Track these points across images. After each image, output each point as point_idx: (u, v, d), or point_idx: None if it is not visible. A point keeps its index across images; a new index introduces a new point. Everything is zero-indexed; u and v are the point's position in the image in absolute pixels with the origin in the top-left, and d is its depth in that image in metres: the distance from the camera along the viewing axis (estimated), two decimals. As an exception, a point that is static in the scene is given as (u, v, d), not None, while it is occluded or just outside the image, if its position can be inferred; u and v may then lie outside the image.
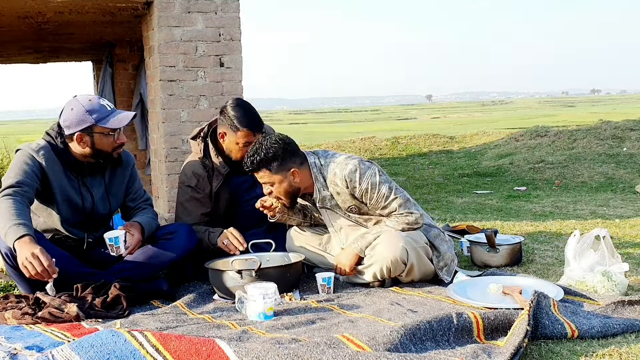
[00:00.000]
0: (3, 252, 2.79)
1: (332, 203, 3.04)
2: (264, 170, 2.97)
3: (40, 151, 2.94)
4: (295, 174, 2.99)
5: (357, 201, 2.98)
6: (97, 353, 1.98)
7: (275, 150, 2.95)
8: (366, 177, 2.92)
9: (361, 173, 2.92)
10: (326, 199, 3.04)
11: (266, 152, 2.94)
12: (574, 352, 2.08)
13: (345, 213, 3.05)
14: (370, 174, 2.92)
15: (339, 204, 3.03)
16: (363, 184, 2.92)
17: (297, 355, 1.92)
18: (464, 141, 12.38)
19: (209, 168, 3.32)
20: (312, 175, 3.02)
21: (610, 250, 2.94)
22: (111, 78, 7.36)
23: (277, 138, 2.99)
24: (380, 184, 2.92)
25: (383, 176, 2.96)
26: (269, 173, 2.97)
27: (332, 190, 3.00)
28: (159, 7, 4.57)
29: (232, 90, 4.76)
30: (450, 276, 3.00)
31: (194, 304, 2.85)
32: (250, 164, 2.97)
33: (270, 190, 3.02)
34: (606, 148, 9.25)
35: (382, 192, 2.92)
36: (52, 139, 3.01)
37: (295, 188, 3.01)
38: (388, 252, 2.86)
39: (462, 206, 5.90)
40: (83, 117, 2.94)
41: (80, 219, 3.06)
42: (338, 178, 2.95)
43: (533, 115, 39.07)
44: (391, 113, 73.17)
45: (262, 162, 2.94)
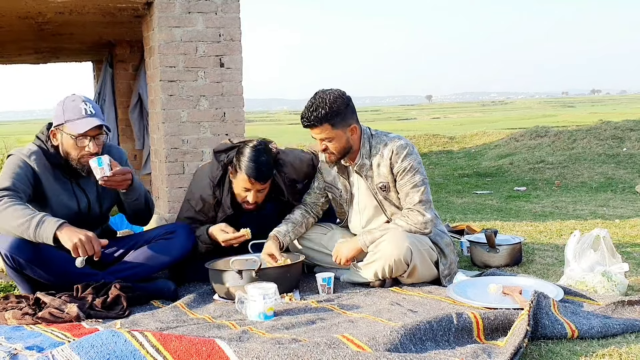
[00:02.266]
0: (3, 254, 2.79)
1: (368, 173, 3.04)
2: (325, 125, 2.93)
3: (32, 156, 2.92)
4: (354, 130, 3.00)
5: (391, 177, 2.99)
6: (98, 353, 1.98)
7: (339, 105, 2.93)
8: (411, 157, 2.97)
9: (409, 152, 2.97)
10: (365, 166, 3.04)
11: (330, 106, 2.91)
12: (574, 352, 2.08)
13: (373, 189, 3.05)
14: (415, 158, 2.98)
15: (374, 177, 3.03)
16: (405, 161, 2.95)
17: (297, 355, 1.92)
18: (464, 141, 12.38)
19: (218, 199, 3.22)
20: (361, 139, 3.03)
21: (610, 250, 2.94)
22: (111, 78, 7.36)
23: (338, 93, 2.97)
24: (418, 171, 2.97)
25: (423, 168, 3.01)
26: (331, 128, 2.94)
27: (374, 161, 3.02)
28: (159, 8, 4.57)
29: (232, 91, 4.76)
30: (449, 284, 2.99)
31: (194, 304, 2.85)
32: (313, 118, 2.91)
33: (325, 146, 2.99)
34: (606, 148, 9.25)
35: (415, 178, 2.96)
36: (42, 143, 2.98)
37: (349, 145, 3.01)
38: (392, 250, 2.86)
39: (462, 206, 5.90)
40: (60, 113, 2.93)
41: (77, 221, 3.05)
42: (387, 148, 2.98)
43: (533, 116, 39.07)
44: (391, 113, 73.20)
45: (326, 116, 2.91)
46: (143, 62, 6.53)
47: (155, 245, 3.12)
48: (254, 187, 3.08)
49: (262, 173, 3.06)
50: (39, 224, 2.66)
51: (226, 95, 4.74)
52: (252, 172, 3.04)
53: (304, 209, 3.27)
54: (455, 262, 3.08)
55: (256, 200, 3.13)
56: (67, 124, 2.89)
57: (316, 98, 2.94)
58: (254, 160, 3.04)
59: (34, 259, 2.79)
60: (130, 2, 4.74)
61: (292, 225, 3.19)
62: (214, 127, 4.65)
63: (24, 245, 2.76)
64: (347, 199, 3.17)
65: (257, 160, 3.05)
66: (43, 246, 2.81)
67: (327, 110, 2.90)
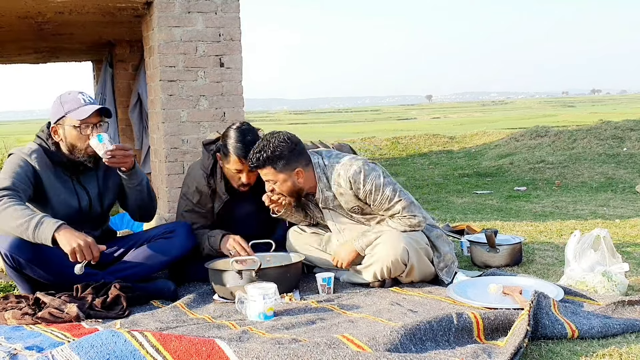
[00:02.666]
0: (3, 253, 2.79)
1: (334, 204, 3.04)
2: (268, 168, 2.95)
3: (32, 155, 2.92)
4: (299, 174, 2.98)
5: (361, 202, 2.97)
6: (97, 353, 1.98)
7: (282, 149, 2.93)
8: (370, 178, 2.91)
9: (365, 174, 2.91)
10: (329, 199, 3.03)
11: (273, 150, 2.92)
12: (574, 352, 2.08)
13: (347, 214, 3.05)
14: (374, 176, 2.91)
15: (342, 205, 3.02)
16: (367, 185, 2.91)
17: (297, 355, 1.92)
18: (464, 141, 12.38)
19: (212, 188, 3.25)
20: (315, 175, 3.01)
21: (611, 250, 2.94)
22: (111, 78, 7.36)
23: (285, 137, 2.97)
24: (384, 185, 2.91)
25: (387, 178, 2.95)
26: (274, 171, 2.95)
27: (335, 191, 3.00)
28: (159, 7, 4.57)
29: (232, 91, 4.76)
30: (451, 277, 3.00)
31: (194, 304, 2.84)
32: (255, 160, 2.94)
33: (272, 187, 3.00)
34: (606, 148, 9.25)
35: (385, 194, 2.91)
36: (43, 141, 2.99)
37: (299, 188, 3.00)
38: (389, 252, 2.86)
39: (462, 206, 5.90)
40: (58, 108, 2.95)
41: (78, 219, 3.05)
42: (342, 179, 2.94)
43: (533, 115, 39.07)
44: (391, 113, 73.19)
45: (267, 159, 2.92)
46: (143, 61, 6.53)
47: (154, 244, 3.12)
48: (245, 167, 3.11)
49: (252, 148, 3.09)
50: (38, 225, 2.66)
51: (226, 95, 4.74)
52: (241, 152, 3.08)
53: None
54: (450, 252, 3.05)
55: (249, 181, 3.17)
56: (68, 114, 2.92)
57: (262, 141, 2.96)
58: (240, 141, 3.10)
59: (34, 259, 2.79)
60: (130, 1, 4.74)
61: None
62: (213, 127, 4.65)
63: (24, 245, 2.75)
64: (321, 217, 3.18)
65: (243, 140, 3.10)
66: (43, 246, 2.81)
67: (269, 154, 2.91)
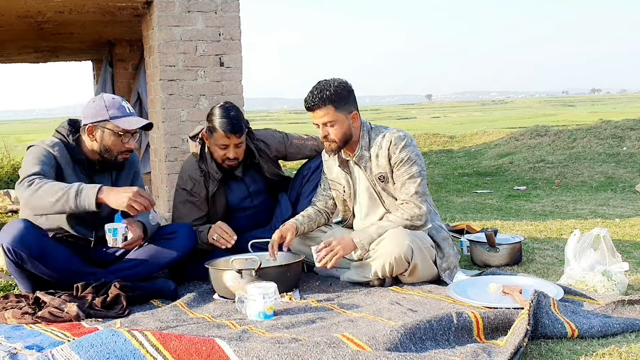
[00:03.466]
0: (5, 247, 2.80)
1: (367, 164, 3.06)
2: (329, 107, 2.95)
3: (55, 147, 2.97)
4: (355, 117, 3.02)
5: (389, 168, 3.00)
6: (97, 352, 1.98)
7: (342, 89, 2.97)
8: (409, 149, 2.98)
9: (407, 144, 2.98)
10: (364, 158, 3.06)
11: (335, 89, 2.95)
12: (574, 352, 2.08)
13: (373, 180, 3.06)
14: (412, 149, 3.00)
15: (372, 168, 3.05)
16: (403, 152, 2.97)
17: (297, 354, 1.92)
18: (464, 141, 12.38)
19: (205, 172, 3.32)
20: (360, 129, 3.05)
21: (610, 249, 2.94)
22: (111, 77, 7.36)
23: (342, 80, 3.01)
24: (415, 162, 2.98)
25: (421, 161, 3.02)
26: (334, 110, 2.95)
27: (373, 152, 3.04)
28: (159, 7, 4.57)
29: (232, 90, 4.76)
30: (451, 280, 2.99)
31: (194, 303, 2.85)
32: (317, 100, 2.93)
33: (327, 132, 3.00)
34: (606, 147, 9.25)
35: (412, 169, 2.97)
36: (63, 137, 3.03)
37: (349, 134, 3.02)
38: (392, 248, 2.86)
39: (462, 206, 5.90)
40: (100, 110, 2.98)
41: (87, 217, 3.06)
42: (385, 139, 3.00)
43: (533, 115, 39.06)
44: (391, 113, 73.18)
45: (330, 97, 2.93)
46: (143, 61, 6.53)
47: (156, 245, 3.12)
48: (230, 141, 3.19)
49: (235, 125, 3.18)
50: (78, 193, 2.72)
51: (226, 95, 4.74)
52: (226, 126, 3.16)
53: (317, 208, 3.30)
54: (454, 256, 3.06)
55: (236, 155, 3.25)
56: (113, 120, 2.97)
57: (320, 83, 3.00)
58: (225, 116, 3.18)
59: (36, 254, 2.80)
60: (130, 1, 4.74)
61: (308, 219, 3.22)
62: (213, 127, 4.65)
63: (27, 240, 2.78)
64: (350, 194, 3.18)
65: (227, 115, 3.19)
66: (46, 240, 2.83)
67: (331, 91, 2.94)
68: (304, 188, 3.48)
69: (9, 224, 2.88)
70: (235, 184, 3.41)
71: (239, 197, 3.41)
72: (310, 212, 3.27)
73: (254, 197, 3.43)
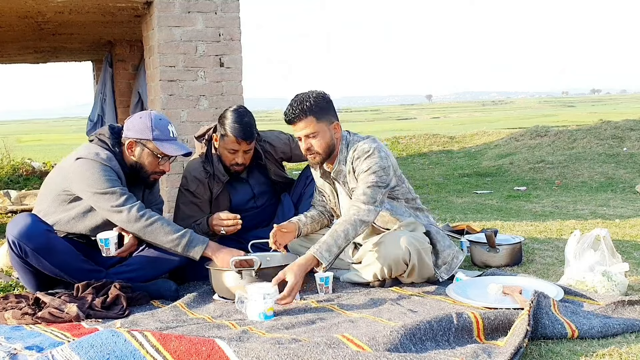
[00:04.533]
0: (10, 241, 2.82)
1: (344, 179, 3.05)
2: (310, 118, 2.94)
3: (112, 161, 2.98)
4: (337, 127, 3.01)
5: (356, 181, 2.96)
6: (97, 353, 1.98)
7: (321, 100, 2.97)
8: (370, 160, 2.88)
9: (370, 155, 2.90)
10: (342, 173, 3.04)
11: (315, 99, 2.95)
12: (574, 352, 2.08)
13: (349, 194, 3.04)
14: (376, 161, 2.88)
15: (348, 182, 3.03)
16: (364, 164, 2.90)
17: (297, 355, 1.92)
18: (464, 141, 12.38)
19: (210, 173, 3.32)
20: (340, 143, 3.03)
21: (611, 250, 2.94)
22: (111, 78, 7.37)
23: (320, 91, 3.01)
24: (374, 172, 2.87)
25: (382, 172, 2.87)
26: (315, 121, 2.94)
27: (348, 168, 3.01)
28: (159, 7, 4.57)
29: (232, 90, 4.76)
30: (449, 275, 2.98)
31: (194, 304, 2.84)
32: (298, 111, 2.93)
33: (309, 145, 2.98)
34: (606, 148, 9.24)
35: (369, 178, 2.86)
36: (109, 147, 3.04)
37: (332, 144, 3.00)
38: (390, 251, 2.86)
39: (462, 206, 5.90)
40: (145, 129, 3.02)
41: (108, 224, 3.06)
42: (352, 152, 2.97)
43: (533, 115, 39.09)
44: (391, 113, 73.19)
45: (311, 108, 2.93)
46: (143, 61, 6.53)
47: (159, 248, 3.11)
48: (241, 147, 3.21)
49: (247, 132, 3.19)
50: (189, 245, 2.90)
51: (226, 95, 4.75)
52: (238, 132, 3.17)
53: (319, 209, 3.30)
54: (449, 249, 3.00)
55: (244, 161, 3.27)
56: (156, 142, 3.01)
57: (298, 95, 2.99)
58: (238, 122, 3.18)
59: (41, 249, 2.82)
60: (129, 1, 4.74)
61: (311, 219, 3.22)
62: (213, 127, 4.65)
63: (33, 234, 2.80)
64: (335, 202, 3.19)
65: (241, 121, 3.19)
66: (51, 236, 2.86)
67: (311, 102, 2.93)
68: (307, 189, 3.48)
69: (16, 218, 2.91)
70: (240, 185, 3.41)
71: (243, 198, 3.42)
72: (314, 213, 3.27)
73: (258, 199, 3.44)
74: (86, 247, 3.06)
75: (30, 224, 2.82)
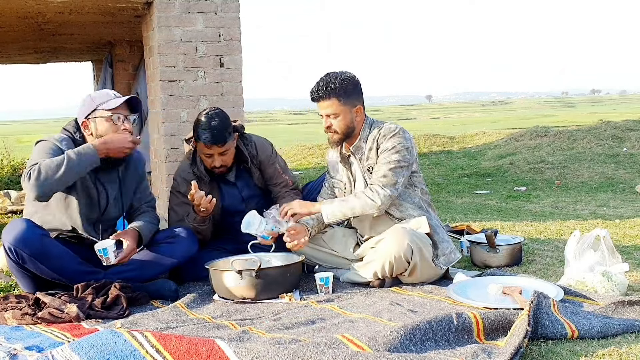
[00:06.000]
0: (7, 247, 2.81)
1: (362, 156, 3.08)
2: (334, 99, 2.99)
3: (63, 142, 2.98)
4: (359, 111, 3.05)
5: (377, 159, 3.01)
6: (97, 353, 1.98)
7: (348, 84, 3.00)
8: (396, 139, 2.98)
9: (396, 134, 2.99)
10: (360, 149, 3.08)
11: (341, 82, 2.98)
12: (574, 352, 2.08)
13: (364, 171, 3.08)
14: (400, 141, 2.98)
15: (365, 160, 3.07)
16: (389, 142, 2.98)
17: (297, 355, 1.92)
18: (464, 141, 12.37)
19: (197, 175, 3.32)
20: (363, 123, 3.08)
21: (610, 250, 2.94)
22: (111, 78, 7.37)
23: (349, 74, 3.04)
24: (398, 151, 2.96)
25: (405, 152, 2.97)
26: (338, 103, 3.00)
27: (367, 145, 3.06)
28: (159, 8, 4.57)
29: (232, 91, 4.76)
30: (447, 265, 2.98)
31: (194, 304, 2.85)
32: (323, 91, 2.97)
33: (330, 123, 3.04)
34: (606, 148, 9.24)
35: (392, 157, 2.96)
36: (70, 134, 3.06)
37: (352, 127, 3.05)
38: (392, 247, 2.86)
39: (462, 206, 5.90)
40: (88, 103, 3.03)
41: (94, 216, 3.06)
42: (378, 130, 3.03)
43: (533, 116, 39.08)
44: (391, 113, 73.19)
45: (335, 90, 2.97)
46: (143, 62, 6.53)
47: (158, 248, 3.12)
48: (213, 150, 3.21)
49: (215, 136, 3.16)
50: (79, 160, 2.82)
51: (226, 95, 4.75)
52: (206, 138, 3.17)
53: None
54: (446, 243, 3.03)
55: (222, 163, 3.26)
56: (100, 107, 3.00)
57: (328, 75, 3.03)
58: (206, 127, 3.17)
59: (37, 254, 2.81)
60: (130, 2, 4.74)
61: (317, 221, 3.22)
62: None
63: (29, 239, 2.79)
64: (350, 190, 3.19)
65: (209, 126, 3.17)
66: (47, 240, 2.84)
67: (337, 85, 2.97)
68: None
69: (11, 223, 2.89)
70: (228, 188, 3.41)
71: (233, 201, 3.41)
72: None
73: (248, 202, 3.41)
74: (83, 249, 3.06)
75: (26, 230, 2.80)
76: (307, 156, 11.74)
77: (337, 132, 3.05)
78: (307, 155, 11.78)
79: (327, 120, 3.04)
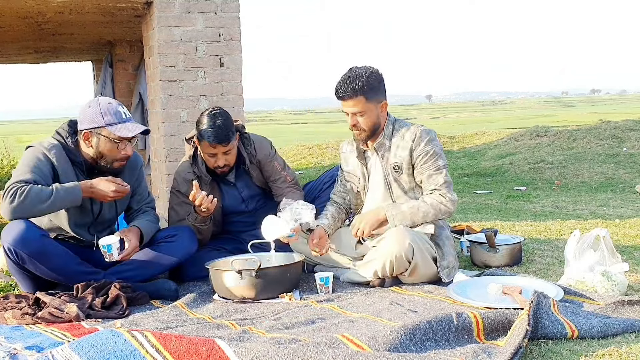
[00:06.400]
0: (6, 248, 2.80)
1: (385, 153, 3.08)
2: (360, 98, 2.97)
3: (52, 150, 2.94)
4: (384, 106, 3.05)
5: (409, 160, 3.02)
6: (97, 353, 1.98)
7: (374, 80, 2.99)
8: (433, 143, 3.02)
9: (431, 138, 3.02)
10: (384, 146, 3.08)
11: (367, 79, 2.97)
12: (574, 352, 2.08)
13: (387, 169, 3.08)
14: (437, 144, 3.03)
15: (390, 157, 3.07)
16: (428, 146, 3.00)
17: (297, 355, 1.92)
18: (464, 141, 12.37)
19: (197, 175, 3.31)
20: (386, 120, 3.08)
21: (610, 250, 2.94)
22: (111, 78, 7.37)
23: (374, 69, 3.03)
24: (440, 156, 3.02)
25: (444, 156, 3.05)
26: (365, 101, 2.98)
27: (394, 142, 3.06)
28: (159, 7, 4.57)
29: (232, 90, 4.76)
30: (450, 279, 2.99)
31: (194, 304, 2.85)
32: (349, 90, 2.95)
33: (356, 121, 3.02)
34: (606, 148, 9.24)
35: (439, 162, 3.01)
36: (62, 139, 3.01)
37: (378, 123, 3.05)
38: (393, 247, 2.86)
39: (462, 206, 5.90)
40: (96, 117, 2.95)
41: (87, 220, 3.06)
42: (410, 132, 3.03)
43: (533, 115, 39.09)
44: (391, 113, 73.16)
45: (362, 88, 2.95)
46: (143, 61, 6.53)
47: (158, 247, 3.12)
48: (217, 150, 3.20)
49: (220, 136, 3.16)
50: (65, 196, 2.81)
51: (226, 95, 4.75)
52: (211, 137, 3.16)
53: (336, 206, 3.31)
54: (454, 256, 3.06)
55: (226, 162, 3.26)
56: (109, 127, 2.93)
57: (352, 71, 2.99)
58: (210, 126, 3.16)
59: (37, 254, 2.81)
60: (130, 1, 4.74)
61: (332, 219, 3.23)
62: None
63: (28, 240, 2.78)
64: (364, 185, 3.19)
65: (213, 125, 3.16)
66: (47, 241, 2.83)
67: (363, 82, 2.95)
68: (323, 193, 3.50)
69: (11, 224, 2.87)
70: (228, 189, 3.41)
71: (233, 202, 3.41)
72: (333, 211, 3.27)
73: (249, 202, 3.42)
74: (82, 249, 3.07)
75: (25, 230, 2.80)
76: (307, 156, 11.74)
77: (364, 130, 3.04)
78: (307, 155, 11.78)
79: (353, 118, 3.02)
